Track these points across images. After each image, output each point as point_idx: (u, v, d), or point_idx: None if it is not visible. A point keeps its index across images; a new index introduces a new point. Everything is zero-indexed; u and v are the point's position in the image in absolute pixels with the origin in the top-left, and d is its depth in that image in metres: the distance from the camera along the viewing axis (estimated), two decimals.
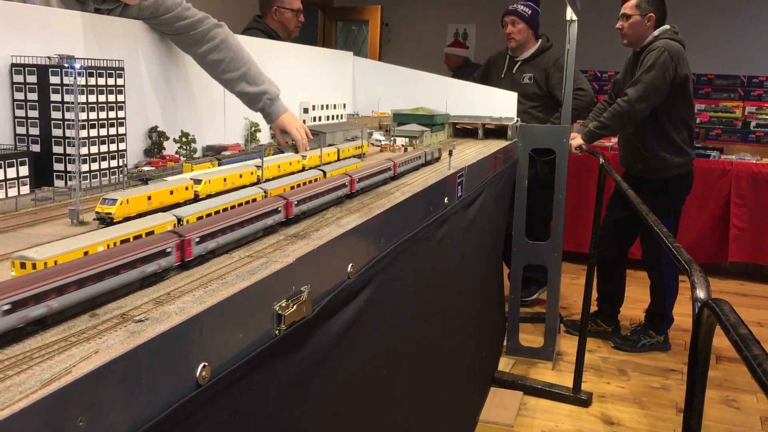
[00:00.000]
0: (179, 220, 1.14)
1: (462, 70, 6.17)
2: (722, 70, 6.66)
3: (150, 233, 1.06)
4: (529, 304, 4.60)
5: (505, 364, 3.66)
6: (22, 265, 0.84)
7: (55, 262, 0.86)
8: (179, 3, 2.11)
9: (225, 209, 1.27)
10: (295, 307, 1.10)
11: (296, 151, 2.19)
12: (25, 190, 1.49)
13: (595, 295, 4.06)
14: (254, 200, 1.39)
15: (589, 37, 6.21)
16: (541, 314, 4.17)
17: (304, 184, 1.60)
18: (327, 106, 3.23)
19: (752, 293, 5.20)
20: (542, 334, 3.80)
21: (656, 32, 3.75)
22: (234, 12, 5.00)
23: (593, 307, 4.10)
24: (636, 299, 4.39)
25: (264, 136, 2.65)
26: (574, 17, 3.49)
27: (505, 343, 3.79)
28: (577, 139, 3.89)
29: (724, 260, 5.32)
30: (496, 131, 3.55)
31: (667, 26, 3.77)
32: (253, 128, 2.58)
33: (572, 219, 5.05)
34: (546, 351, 3.74)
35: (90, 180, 1.61)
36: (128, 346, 0.74)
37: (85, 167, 1.60)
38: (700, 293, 1.24)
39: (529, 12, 4.42)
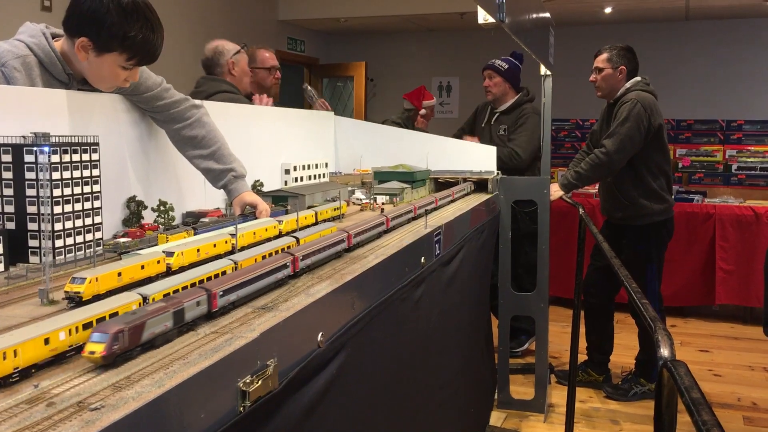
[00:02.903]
0: (145, 298, 1.15)
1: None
2: (701, 114, 6.80)
3: (114, 314, 1.08)
4: (520, 354, 4.58)
5: (496, 418, 3.63)
6: None
7: (15, 352, 0.87)
8: (159, 83, 2.17)
9: (193, 284, 1.28)
10: (260, 382, 1.10)
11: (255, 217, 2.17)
12: None
13: (584, 344, 4.06)
14: (224, 273, 1.40)
15: (570, 86, 6.36)
16: (532, 365, 4.15)
17: (276, 252, 1.62)
18: (309, 166, 3.27)
19: (743, 336, 5.19)
20: (533, 385, 3.78)
21: (628, 84, 3.85)
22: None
23: (583, 357, 4.10)
24: (627, 346, 4.37)
25: None
26: (548, 72, 3.58)
27: (496, 396, 3.77)
28: (556, 189, 3.95)
29: (712, 302, 5.34)
30: (478, 184, 3.60)
31: (638, 78, 3.87)
32: None
33: (561, 264, 5.06)
34: (537, 403, 3.71)
35: (65, 255, 1.63)
36: None
37: (60, 242, 1.62)
38: (665, 352, 1.26)
39: (506, 66, 4.58)
